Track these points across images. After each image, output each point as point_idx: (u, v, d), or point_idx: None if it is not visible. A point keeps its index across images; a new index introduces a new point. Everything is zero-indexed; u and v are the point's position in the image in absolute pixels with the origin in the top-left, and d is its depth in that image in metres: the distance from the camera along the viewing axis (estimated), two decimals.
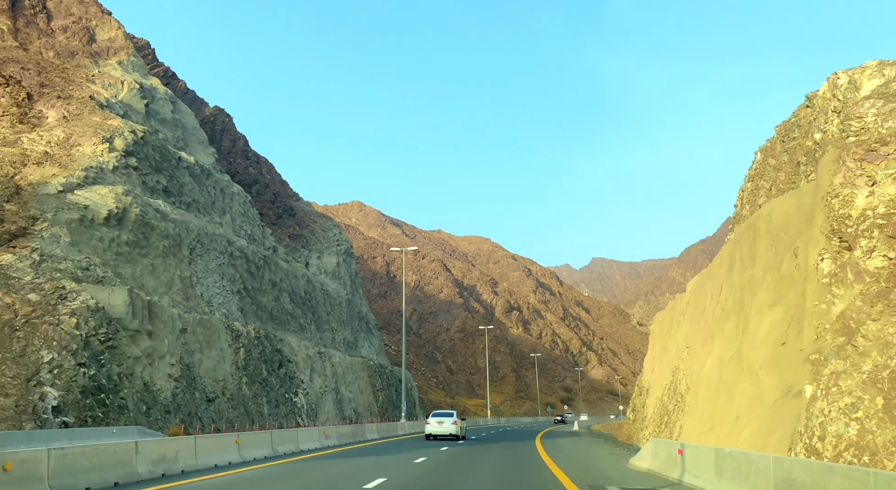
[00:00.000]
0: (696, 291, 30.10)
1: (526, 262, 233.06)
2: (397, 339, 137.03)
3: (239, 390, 41.22)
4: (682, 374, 28.05)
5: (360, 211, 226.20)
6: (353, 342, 71.72)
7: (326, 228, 77.00)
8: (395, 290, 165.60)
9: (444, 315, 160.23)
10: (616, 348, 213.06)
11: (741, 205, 37.90)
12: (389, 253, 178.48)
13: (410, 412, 75.12)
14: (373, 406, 64.10)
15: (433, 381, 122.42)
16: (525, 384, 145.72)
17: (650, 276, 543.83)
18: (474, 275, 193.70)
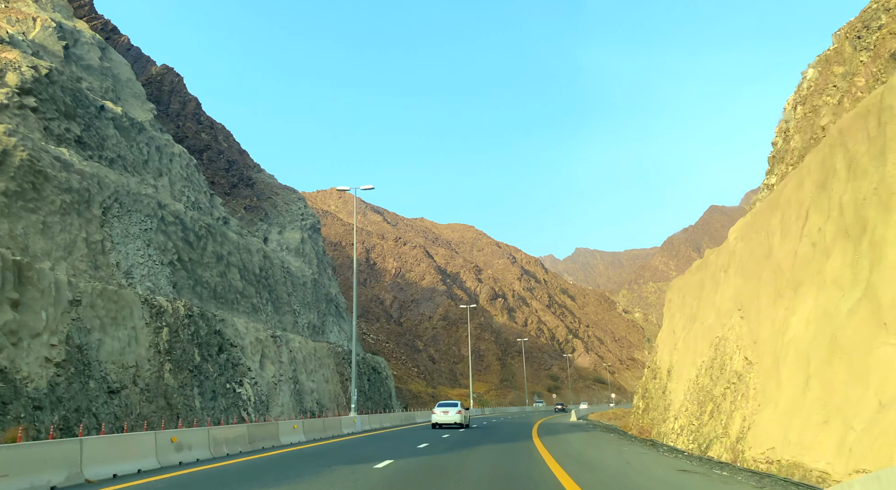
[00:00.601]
0: (746, 236, 22.03)
1: (511, 250, 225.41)
2: (376, 327, 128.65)
3: (159, 379, 32.63)
4: (735, 347, 19.99)
5: (339, 198, 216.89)
6: (319, 326, 63.20)
7: (290, 201, 68.31)
8: (374, 277, 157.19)
9: (427, 303, 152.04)
10: (602, 336, 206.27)
11: (786, 138, 29.94)
12: (369, 239, 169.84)
13: (386, 404, 66.88)
14: (340, 397, 55.70)
15: (414, 371, 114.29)
16: (510, 373, 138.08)
17: (633, 266, 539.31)
18: (458, 262, 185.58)
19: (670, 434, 24.81)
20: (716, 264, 25.32)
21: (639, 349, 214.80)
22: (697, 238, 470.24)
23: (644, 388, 36.19)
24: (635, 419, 36.18)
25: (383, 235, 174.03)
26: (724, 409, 19.36)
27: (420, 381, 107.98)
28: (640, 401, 36.73)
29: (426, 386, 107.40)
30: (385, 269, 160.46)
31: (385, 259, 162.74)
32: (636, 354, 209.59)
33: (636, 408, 37.81)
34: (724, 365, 20.60)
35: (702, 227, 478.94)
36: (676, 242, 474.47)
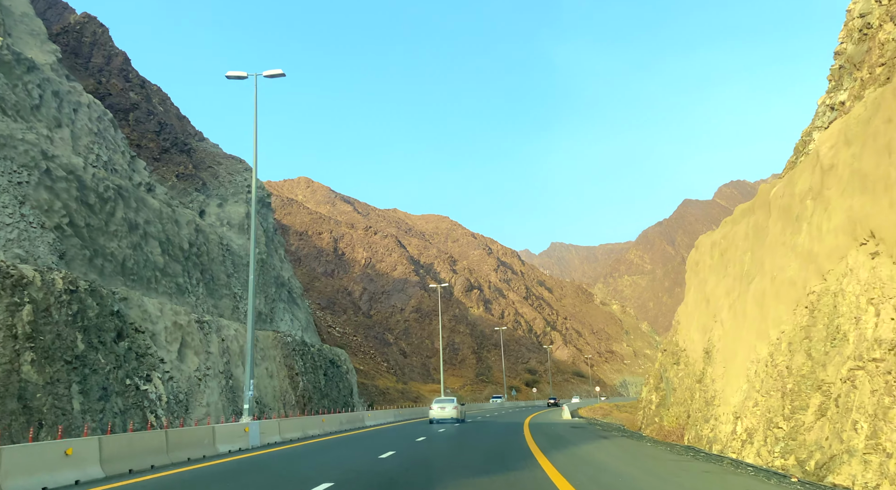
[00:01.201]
0: (857, 140, 14.00)
1: (486, 241, 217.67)
2: (343, 319, 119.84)
3: (12, 374, 23.78)
4: (863, 301, 11.98)
5: (307, 187, 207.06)
6: (266, 313, 54.30)
7: (235, 172, 59.21)
8: (343, 268, 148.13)
9: (398, 294, 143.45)
10: (580, 328, 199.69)
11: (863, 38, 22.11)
12: (338, 228, 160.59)
13: (346, 402, 58.28)
14: (289, 394, 47.00)
15: (383, 366, 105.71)
16: (487, 367, 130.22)
17: (608, 260, 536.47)
18: (431, 252, 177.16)
19: (729, 441, 16.75)
20: (790, 194, 17.26)
21: (617, 341, 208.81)
22: (672, 231, 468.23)
23: (658, 378, 28.23)
24: (646, 416, 28.30)
25: (353, 225, 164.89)
26: (856, 404, 11.37)
27: (389, 377, 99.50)
28: (653, 393, 28.74)
29: (396, 381, 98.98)
30: (354, 259, 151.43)
31: (354, 249, 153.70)
32: (615, 347, 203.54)
33: (646, 402, 29.87)
34: (844, 332, 12.55)
35: (676, 220, 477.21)
36: (651, 235, 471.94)
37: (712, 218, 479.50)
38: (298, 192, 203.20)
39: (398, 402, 78.20)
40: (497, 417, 50.58)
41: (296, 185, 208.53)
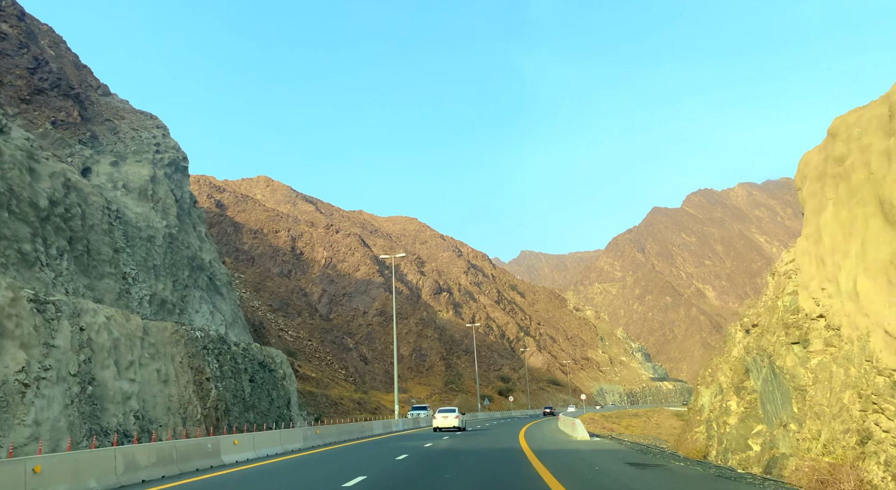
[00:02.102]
0: None
1: (457, 244, 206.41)
2: (297, 322, 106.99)
3: None
4: None
5: (266, 186, 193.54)
6: (174, 302, 41.83)
7: (142, 128, 46.80)
8: (301, 268, 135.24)
9: (361, 296, 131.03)
10: (554, 334, 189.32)
11: None
12: (296, 227, 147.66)
13: (281, 415, 46.07)
14: (192, 407, 34.70)
15: (340, 374, 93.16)
16: (457, 374, 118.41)
17: (577, 268, 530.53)
18: (398, 253, 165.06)
19: None
20: None
21: (592, 348, 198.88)
22: (641, 238, 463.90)
23: (743, 373, 16.90)
24: (720, 437, 17.04)
25: (313, 223, 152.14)
26: None
27: (346, 385, 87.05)
28: (730, 399, 17.32)
29: (354, 391, 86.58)
30: (314, 259, 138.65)
31: (314, 248, 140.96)
32: (590, 353, 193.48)
33: (716, 413, 18.50)
34: None
35: (645, 227, 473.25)
36: (621, 243, 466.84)
37: (681, 225, 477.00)
38: (257, 191, 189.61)
39: (353, 415, 65.98)
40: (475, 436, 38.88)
41: (254, 184, 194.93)
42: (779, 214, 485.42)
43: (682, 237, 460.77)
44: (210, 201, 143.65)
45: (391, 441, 31.85)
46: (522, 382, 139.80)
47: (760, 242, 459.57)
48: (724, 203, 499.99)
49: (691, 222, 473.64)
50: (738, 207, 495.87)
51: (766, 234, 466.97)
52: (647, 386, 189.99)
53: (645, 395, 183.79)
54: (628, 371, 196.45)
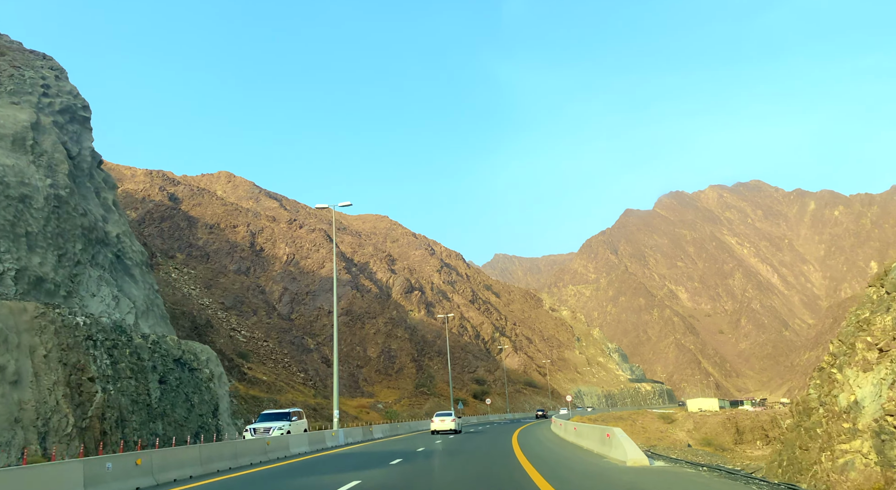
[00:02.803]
0: None
1: (430, 242, 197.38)
2: (252, 321, 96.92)
3: None
4: None
5: (228, 182, 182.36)
6: (56, 281, 32.18)
7: (27, 66, 37.19)
8: (260, 265, 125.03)
9: (326, 295, 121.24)
10: (531, 335, 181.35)
11: None
12: (256, 221, 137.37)
13: (204, 425, 36.63)
14: (59, 418, 25.18)
15: (299, 377, 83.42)
16: (429, 376, 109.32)
17: (551, 270, 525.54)
18: (367, 251, 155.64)
19: None
20: None
21: (569, 349, 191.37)
22: (615, 240, 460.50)
23: None
24: (881, 461, 8.64)
25: (275, 218, 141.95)
26: None
27: (305, 390, 77.37)
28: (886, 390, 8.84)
29: (314, 395, 76.98)
30: (275, 255, 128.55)
31: (275, 244, 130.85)
32: (567, 354, 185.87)
33: (851, 415, 10.14)
34: None
35: (618, 229, 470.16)
36: (594, 245, 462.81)
37: (653, 227, 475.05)
38: (218, 187, 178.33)
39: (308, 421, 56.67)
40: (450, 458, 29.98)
41: (214, 179, 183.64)
42: (749, 216, 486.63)
43: (654, 239, 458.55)
44: (163, 194, 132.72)
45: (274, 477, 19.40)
46: (498, 385, 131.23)
47: (731, 244, 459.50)
48: (696, 205, 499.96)
49: (663, 224, 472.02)
50: (709, 209, 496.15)
51: (737, 236, 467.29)
52: (625, 387, 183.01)
53: (623, 397, 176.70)
54: (606, 372, 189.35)
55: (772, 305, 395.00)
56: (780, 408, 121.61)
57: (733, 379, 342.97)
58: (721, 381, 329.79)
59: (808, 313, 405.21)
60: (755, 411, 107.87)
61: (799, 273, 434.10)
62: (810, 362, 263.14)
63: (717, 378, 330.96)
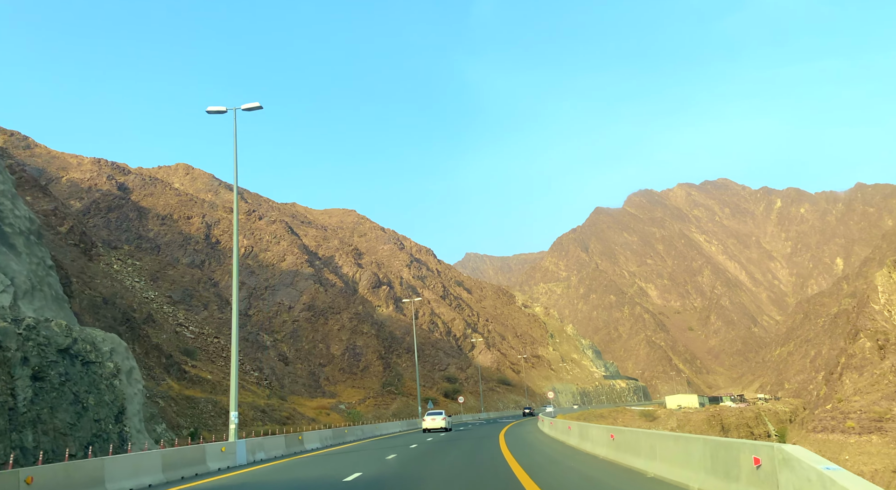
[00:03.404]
0: None
1: (399, 237, 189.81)
2: (203, 316, 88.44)
3: None
4: None
5: (186, 174, 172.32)
6: None
7: None
8: (216, 258, 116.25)
9: (287, 289, 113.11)
10: (503, 331, 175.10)
11: None
12: (213, 213, 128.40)
13: (104, 431, 28.86)
14: None
15: (252, 376, 75.36)
16: (396, 374, 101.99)
17: (522, 269, 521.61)
18: (332, 244, 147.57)
19: None
20: None
21: (542, 345, 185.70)
22: (585, 238, 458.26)
23: None
24: None
25: (232, 209, 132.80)
26: None
27: (257, 390, 69.44)
28: None
29: (268, 396, 69.09)
30: (232, 248, 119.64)
31: (233, 236, 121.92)
32: (540, 351, 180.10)
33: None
34: None
35: (589, 227, 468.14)
36: (565, 243, 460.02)
37: (623, 225, 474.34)
38: (175, 179, 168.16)
39: (251, 426, 48.90)
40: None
41: (172, 171, 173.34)
42: (717, 214, 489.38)
43: (624, 237, 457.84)
44: (111, 183, 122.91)
45: None
46: (470, 383, 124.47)
47: (700, 241, 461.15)
48: (664, 203, 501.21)
49: (633, 222, 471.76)
50: (677, 207, 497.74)
51: (706, 234, 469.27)
52: (599, 384, 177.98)
53: (598, 395, 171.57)
54: (580, 369, 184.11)
55: (740, 302, 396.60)
56: (763, 404, 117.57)
57: (704, 375, 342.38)
58: (692, 377, 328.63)
59: (775, 310, 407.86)
60: (738, 407, 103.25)
61: (766, 270, 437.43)
62: (781, 358, 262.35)
63: (689, 375, 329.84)
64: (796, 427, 72.53)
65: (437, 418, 48.57)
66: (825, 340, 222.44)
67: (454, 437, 40.24)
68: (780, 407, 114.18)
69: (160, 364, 55.13)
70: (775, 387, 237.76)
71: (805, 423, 66.36)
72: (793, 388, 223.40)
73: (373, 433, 52.39)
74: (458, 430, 49.61)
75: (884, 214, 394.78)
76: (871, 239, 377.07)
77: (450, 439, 36.99)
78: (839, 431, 48.31)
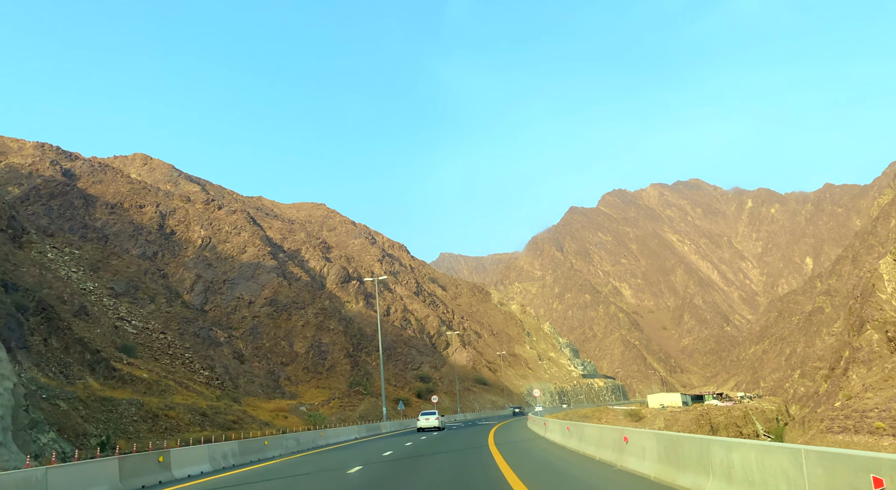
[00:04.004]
0: None
1: (371, 232, 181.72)
2: (149, 309, 79.60)
3: None
4: None
5: (144, 164, 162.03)
6: None
7: None
8: (170, 250, 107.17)
9: (247, 283, 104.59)
10: (479, 329, 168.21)
11: None
12: (168, 202, 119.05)
13: None
14: None
15: (202, 375, 66.96)
16: (365, 373, 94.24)
17: (497, 268, 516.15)
18: (299, 237, 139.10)
19: None
20: None
21: (519, 344, 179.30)
22: (560, 237, 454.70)
23: None
24: None
25: (190, 198, 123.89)
26: None
27: (206, 391, 61.13)
28: None
29: (218, 397, 60.88)
30: (188, 239, 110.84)
31: (189, 227, 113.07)
32: (517, 350, 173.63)
33: None
34: None
35: (563, 226, 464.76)
36: (540, 242, 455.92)
37: (597, 224, 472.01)
38: (132, 169, 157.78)
39: (187, 432, 40.97)
40: None
41: (129, 161, 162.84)
42: (689, 214, 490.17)
43: (598, 236, 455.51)
44: (55, 169, 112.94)
45: None
46: (444, 382, 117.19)
47: (673, 241, 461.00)
48: (637, 203, 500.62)
49: (607, 221, 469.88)
50: (650, 207, 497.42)
51: (678, 234, 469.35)
52: (577, 383, 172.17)
53: (576, 394, 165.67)
54: (558, 368, 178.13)
55: (713, 301, 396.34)
56: (748, 402, 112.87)
57: (678, 374, 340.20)
58: (666, 376, 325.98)
59: (746, 309, 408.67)
60: (726, 406, 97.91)
61: (738, 269, 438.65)
62: (756, 356, 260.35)
63: (663, 373, 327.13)
64: (795, 427, 66.42)
65: (430, 418, 51.67)
66: (800, 338, 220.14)
67: (434, 447, 31.63)
68: (766, 405, 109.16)
69: (82, 361, 46.77)
70: (751, 385, 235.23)
71: (808, 423, 60.28)
72: (768, 387, 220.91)
73: (313, 443, 40.49)
74: (434, 438, 41.22)
75: (852, 214, 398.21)
76: (840, 238, 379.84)
77: (425, 455, 27.26)
78: (865, 432, 42.21)
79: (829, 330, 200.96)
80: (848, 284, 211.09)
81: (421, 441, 37.75)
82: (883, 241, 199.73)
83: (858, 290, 71.76)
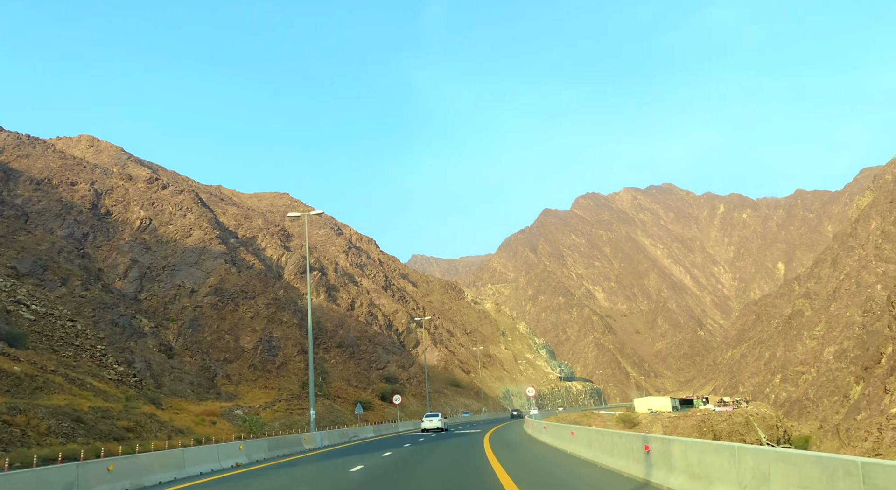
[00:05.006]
0: None
1: (339, 224, 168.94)
2: (61, 293, 66.23)
3: None
4: None
5: (90, 146, 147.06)
6: None
7: None
8: (103, 232, 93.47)
9: (190, 269, 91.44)
10: (452, 328, 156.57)
11: None
12: (105, 180, 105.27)
13: None
14: None
15: (113, 371, 53.97)
16: (322, 373, 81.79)
17: (469, 270, 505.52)
18: (255, 224, 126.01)
19: None
20: None
21: (494, 344, 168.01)
22: (533, 239, 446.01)
23: None
24: None
25: (130, 176, 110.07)
26: None
27: (115, 390, 48.48)
28: None
29: (128, 398, 48.31)
30: (127, 220, 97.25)
31: (129, 207, 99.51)
32: (492, 350, 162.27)
33: None
34: None
35: (537, 228, 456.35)
36: (514, 243, 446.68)
37: (571, 226, 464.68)
38: (76, 151, 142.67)
39: (28, 445, 28.71)
40: None
41: (73, 143, 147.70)
42: (662, 218, 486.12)
43: (572, 238, 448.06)
44: None
45: None
46: (413, 383, 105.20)
47: (645, 245, 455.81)
48: (611, 206, 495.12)
49: (580, 224, 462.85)
50: (623, 211, 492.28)
51: (651, 237, 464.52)
52: (556, 386, 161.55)
53: (554, 397, 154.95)
54: (535, 370, 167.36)
55: (686, 305, 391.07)
56: (745, 407, 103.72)
57: (652, 379, 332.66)
58: (640, 380, 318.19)
59: (719, 314, 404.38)
60: (726, 411, 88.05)
61: (710, 274, 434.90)
62: (734, 360, 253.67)
63: (636, 377, 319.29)
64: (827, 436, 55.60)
65: (433, 420, 54.81)
66: (780, 342, 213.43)
67: None
68: (764, 410, 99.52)
69: None
70: (729, 389, 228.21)
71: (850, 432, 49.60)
72: (747, 391, 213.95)
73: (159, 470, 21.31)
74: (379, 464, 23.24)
75: (823, 220, 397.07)
76: (812, 244, 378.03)
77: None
78: None
79: (811, 333, 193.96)
80: (828, 287, 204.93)
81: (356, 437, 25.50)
82: (863, 242, 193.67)
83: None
